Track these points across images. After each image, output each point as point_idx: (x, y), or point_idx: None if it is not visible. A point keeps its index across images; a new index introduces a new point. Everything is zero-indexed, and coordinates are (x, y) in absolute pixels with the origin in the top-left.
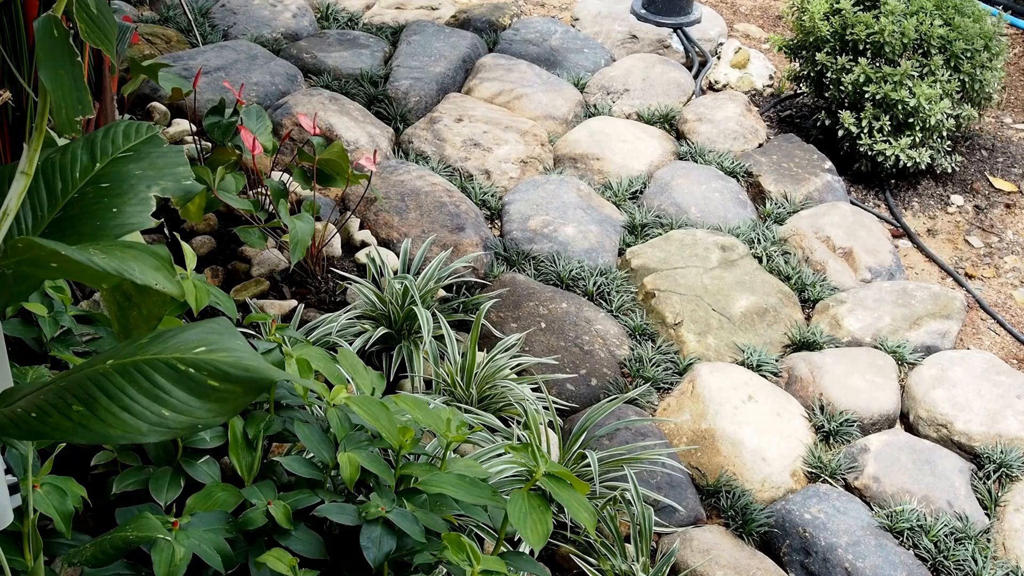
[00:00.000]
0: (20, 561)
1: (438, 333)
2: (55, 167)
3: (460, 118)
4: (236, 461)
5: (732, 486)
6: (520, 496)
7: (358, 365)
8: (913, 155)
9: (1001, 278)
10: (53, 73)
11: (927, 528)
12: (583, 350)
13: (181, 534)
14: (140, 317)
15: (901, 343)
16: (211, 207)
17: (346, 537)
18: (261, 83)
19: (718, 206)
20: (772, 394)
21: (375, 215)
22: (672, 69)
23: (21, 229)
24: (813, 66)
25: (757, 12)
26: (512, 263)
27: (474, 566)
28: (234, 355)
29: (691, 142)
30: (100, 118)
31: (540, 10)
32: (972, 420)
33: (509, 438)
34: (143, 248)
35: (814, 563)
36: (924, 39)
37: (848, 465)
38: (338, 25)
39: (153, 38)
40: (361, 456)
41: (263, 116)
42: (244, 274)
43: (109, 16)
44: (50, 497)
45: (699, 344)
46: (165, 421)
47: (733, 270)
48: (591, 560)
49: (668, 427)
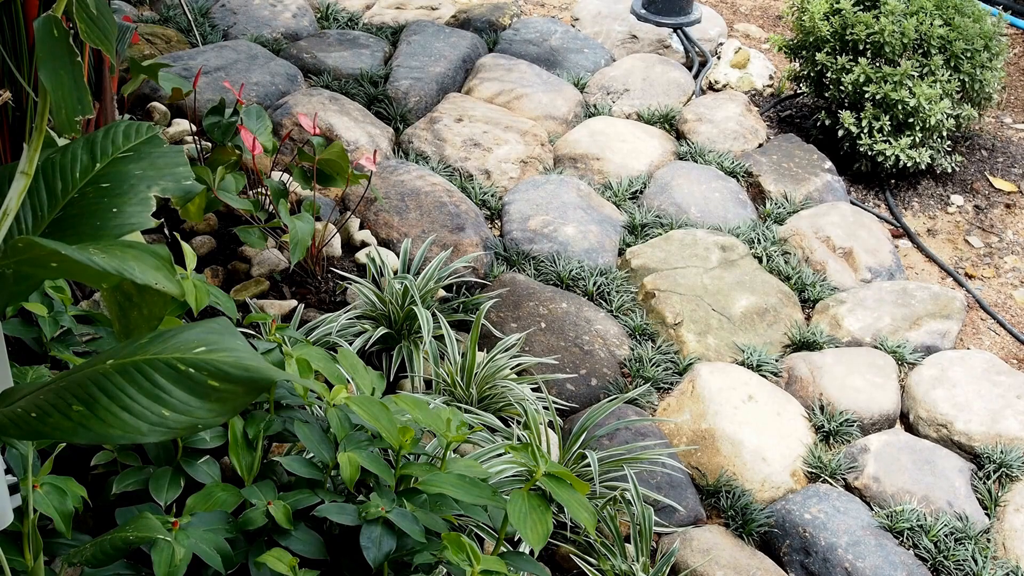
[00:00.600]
0: (20, 561)
1: (438, 333)
2: (55, 167)
3: (460, 118)
4: (236, 461)
5: (732, 486)
6: (520, 496)
7: (358, 365)
8: (913, 155)
9: (1001, 278)
10: (53, 73)
11: (927, 528)
12: (583, 350)
13: (181, 534)
14: (140, 317)
15: (901, 343)
16: (211, 207)
17: (346, 537)
18: (261, 83)
19: (718, 206)
20: (772, 394)
21: (375, 215)
22: (672, 69)
23: (21, 229)
24: (813, 66)
25: (757, 12)
26: (512, 263)
27: (474, 566)
28: (234, 355)
29: (691, 142)
30: (100, 118)
31: (540, 10)
32: (972, 420)
33: (509, 438)
34: (143, 248)
35: (814, 563)
36: (924, 39)
37: (848, 465)
38: (338, 25)
39: (153, 38)
40: (361, 456)
41: (263, 116)
42: (244, 274)
43: (109, 16)
44: (50, 497)
45: (699, 344)
46: (165, 421)
47: (733, 270)
48: (591, 560)
49: (668, 427)
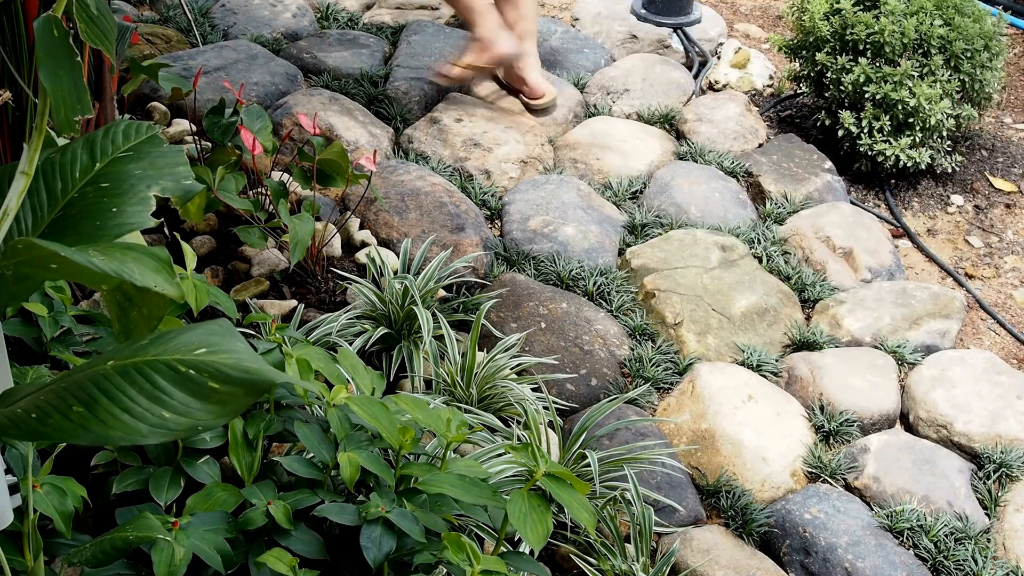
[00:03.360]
0: (20, 561)
1: (438, 333)
2: (55, 167)
3: (460, 118)
4: (236, 461)
5: (732, 486)
6: (520, 496)
7: (358, 365)
8: (913, 155)
9: (1001, 278)
10: (53, 73)
11: (927, 528)
12: (583, 350)
13: (181, 534)
14: (140, 317)
15: (901, 343)
16: (211, 207)
17: (346, 537)
18: (261, 83)
19: (718, 206)
20: (772, 394)
21: (375, 215)
22: (672, 69)
23: (21, 229)
24: (813, 66)
25: (757, 12)
26: (512, 263)
27: (474, 566)
28: (235, 357)
29: (691, 142)
30: (100, 118)
31: (540, 10)
32: (972, 420)
33: (509, 438)
34: (143, 250)
35: (814, 563)
36: (924, 39)
37: (848, 465)
38: (338, 25)
39: (153, 38)
40: (361, 456)
41: (263, 116)
42: (244, 274)
43: (109, 16)
44: (50, 497)
45: (699, 344)
46: (165, 423)
47: (733, 270)
48: (591, 560)
49: (668, 427)
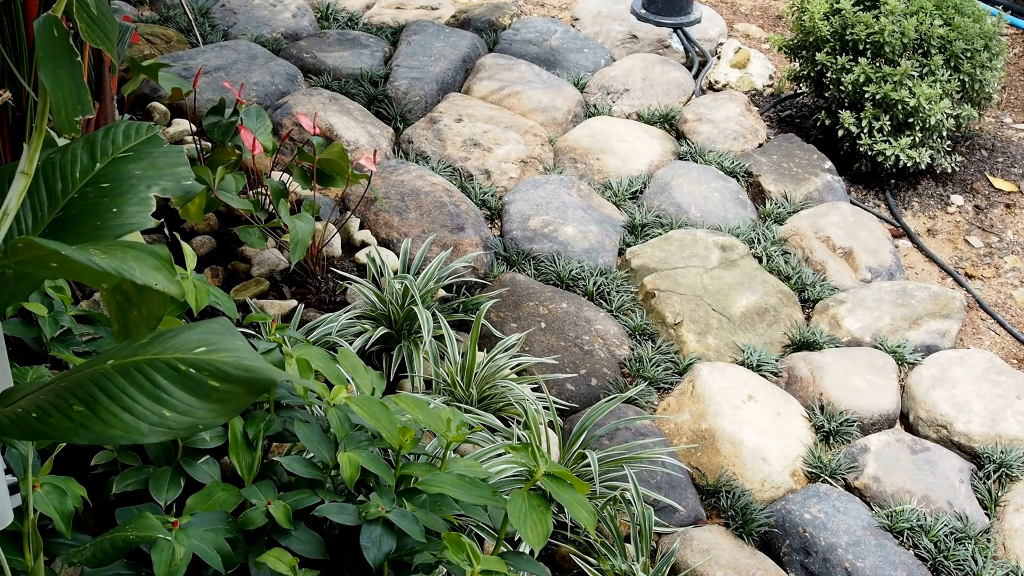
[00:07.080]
0: (20, 561)
1: (438, 333)
2: (55, 167)
3: (460, 118)
4: (236, 461)
5: (732, 486)
6: (520, 496)
7: (358, 365)
8: (913, 155)
9: (1001, 278)
10: (53, 73)
11: (927, 528)
12: (583, 350)
13: (181, 534)
14: (140, 317)
15: (901, 343)
16: (211, 207)
17: (346, 537)
18: (261, 83)
19: (718, 206)
20: (772, 394)
21: (375, 215)
22: (672, 69)
23: (21, 229)
24: (813, 66)
25: (757, 12)
26: (512, 263)
27: (474, 566)
28: (235, 355)
29: (691, 142)
30: (100, 118)
31: (540, 10)
32: (972, 420)
33: (509, 438)
34: (143, 248)
35: (814, 563)
36: (924, 39)
37: (848, 465)
38: (338, 25)
39: (153, 38)
40: (361, 456)
41: (263, 116)
42: (244, 274)
43: (109, 16)
44: (50, 497)
45: (699, 344)
46: (166, 422)
47: (733, 270)
48: (591, 560)
49: (668, 427)
